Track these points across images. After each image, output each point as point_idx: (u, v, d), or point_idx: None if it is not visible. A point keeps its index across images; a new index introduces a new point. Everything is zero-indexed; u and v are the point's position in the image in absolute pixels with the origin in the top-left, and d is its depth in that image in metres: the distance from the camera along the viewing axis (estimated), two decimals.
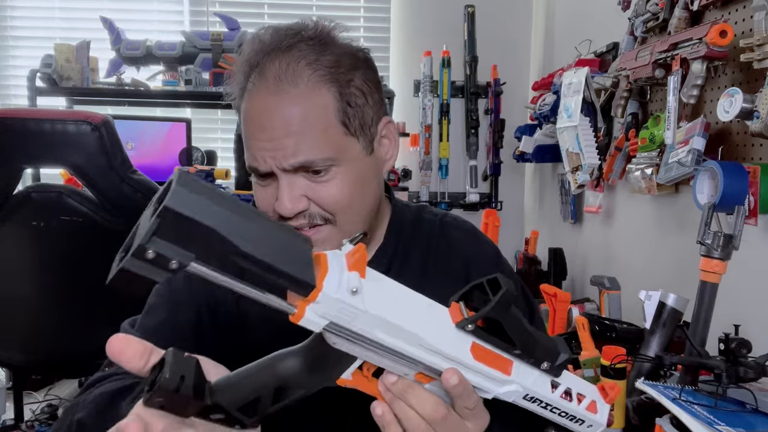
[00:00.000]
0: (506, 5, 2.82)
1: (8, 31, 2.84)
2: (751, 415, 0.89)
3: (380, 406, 0.55)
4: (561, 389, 0.59)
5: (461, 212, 2.73)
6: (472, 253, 0.91)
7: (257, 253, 0.43)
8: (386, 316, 0.50)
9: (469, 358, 0.54)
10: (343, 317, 0.48)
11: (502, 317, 0.53)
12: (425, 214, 0.94)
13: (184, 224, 0.41)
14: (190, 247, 0.42)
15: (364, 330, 0.50)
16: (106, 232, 1.69)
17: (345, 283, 0.48)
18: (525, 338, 0.55)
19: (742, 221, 1.07)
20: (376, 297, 0.50)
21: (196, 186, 0.43)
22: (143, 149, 2.60)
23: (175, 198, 0.41)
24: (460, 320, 0.53)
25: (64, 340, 1.78)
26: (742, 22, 1.23)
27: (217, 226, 0.42)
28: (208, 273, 0.44)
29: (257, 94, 0.75)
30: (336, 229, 0.78)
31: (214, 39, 2.58)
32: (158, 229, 0.41)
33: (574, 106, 1.78)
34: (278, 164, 0.74)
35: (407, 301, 0.53)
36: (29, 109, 2.26)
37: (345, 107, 0.76)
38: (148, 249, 0.40)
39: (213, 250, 0.43)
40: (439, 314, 0.54)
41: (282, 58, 0.75)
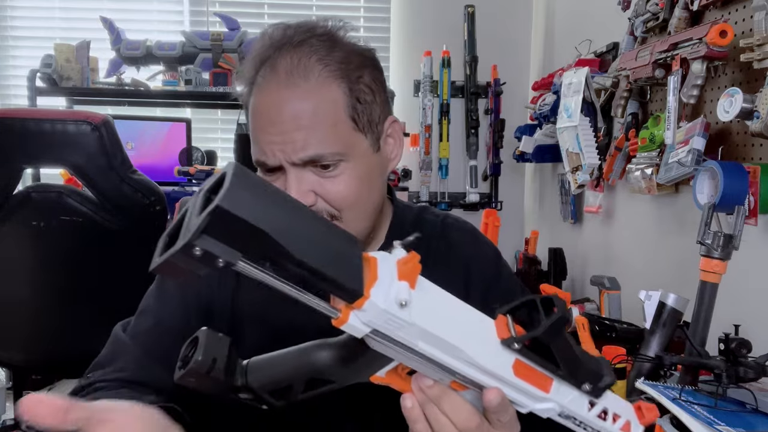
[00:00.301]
0: (506, 5, 2.82)
1: (8, 31, 2.84)
2: (751, 415, 0.89)
3: (410, 399, 0.54)
4: (598, 408, 0.58)
5: (461, 212, 2.73)
6: (472, 254, 0.91)
7: (307, 258, 0.42)
8: (432, 329, 0.48)
9: (510, 374, 0.53)
10: (388, 327, 0.47)
11: (552, 341, 0.51)
12: (427, 215, 0.94)
13: (235, 224, 0.40)
14: (238, 246, 0.41)
15: (406, 340, 0.49)
16: (106, 232, 1.69)
17: (394, 294, 0.46)
18: (571, 361, 0.54)
19: (742, 221, 1.07)
20: (424, 309, 0.48)
21: (249, 183, 0.41)
22: (143, 149, 2.60)
23: (228, 197, 0.39)
24: (508, 338, 0.52)
25: (65, 340, 1.77)
26: (742, 22, 1.23)
27: (269, 229, 0.40)
28: (254, 272, 0.43)
29: (267, 88, 0.75)
30: (341, 225, 0.78)
31: (214, 39, 2.58)
32: (208, 227, 0.39)
33: (574, 106, 1.78)
34: (287, 158, 0.74)
35: (454, 312, 0.52)
36: (29, 109, 2.26)
37: (354, 103, 0.77)
38: (196, 246, 0.39)
39: (262, 252, 0.42)
40: (484, 327, 0.53)
41: (293, 53, 0.75)
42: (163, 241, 0.42)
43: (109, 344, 0.83)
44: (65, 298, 1.77)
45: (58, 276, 1.76)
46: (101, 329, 0.89)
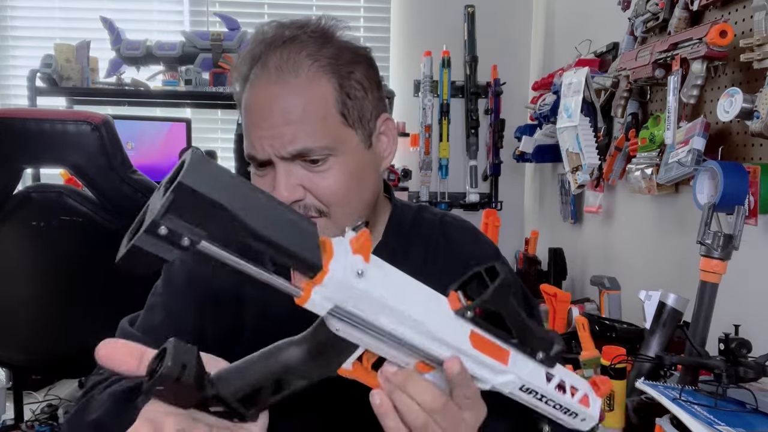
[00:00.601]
0: (506, 5, 2.82)
1: (8, 31, 2.84)
2: (751, 415, 0.89)
3: (378, 394, 0.55)
4: (555, 381, 0.60)
5: (461, 212, 2.73)
6: (471, 253, 0.91)
7: (267, 233, 0.44)
8: (389, 301, 0.51)
9: (468, 345, 0.55)
10: (348, 300, 0.49)
11: (500, 305, 0.54)
12: (425, 213, 0.94)
13: (198, 201, 0.41)
14: (201, 224, 0.43)
15: (367, 314, 0.50)
16: (106, 232, 1.69)
17: (350, 266, 0.48)
18: (522, 328, 0.56)
19: (742, 221, 1.07)
20: (380, 282, 0.50)
21: (209, 164, 0.44)
22: (143, 149, 2.60)
23: (189, 174, 0.41)
24: (460, 308, 0.54)
25: (64, 340, 1.77)
26: (742, 22, 1.23)
27: (229, 204, 0.42)
28: (218, 252, 0.44)
29: (258, 84, 0.76)
30: (330, 222, 0.78)
31: (214, 39, 2.58)
32: (171, 205, 0.41)
33: (574, 106, 1.78)
34: (276, 152, 0.75)
35: (409, 288, 0.54)
36: (29, 109, 2.26)
37: (344, 98, 0.77)
38: (161, 225, 0.41)
39: (224, 229, 0.43)
40: (439, 302, 0.55)
41: (283, 48, 0.76)
42: (127, 238, 0.44)
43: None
44: (65, 298, 1.77)
45: (58, 276, 1.76)
46: (101, 329, 0.89)
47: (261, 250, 0.44)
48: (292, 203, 0.76)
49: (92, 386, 0.76)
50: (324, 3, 2.87)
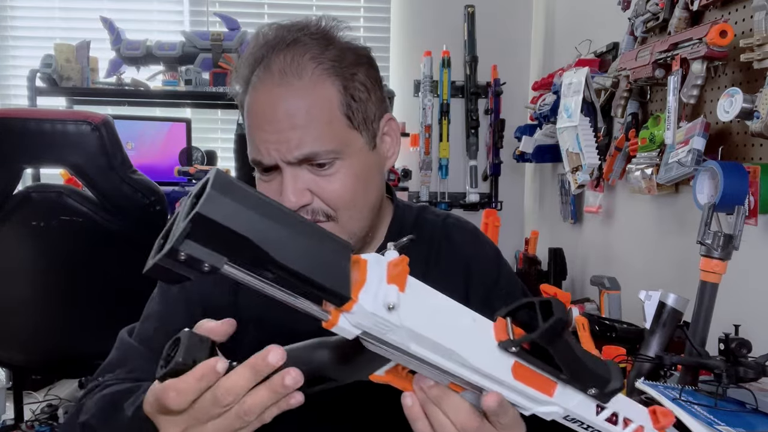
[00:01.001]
0: (506, 5, 2.82)
1: (8, 31, 2.84)
2: (751, 415, 0.89)
3: (411, 397, 0.55)
4: (607, 413, 0.56)
5: (461, 212, 2.73)
6: (472, 253, 0.91)
7: (292, 264, 0.43)
8: (423, 331, 0.48)
9: (509, 377, 0.52)
10: (377, 329, 0.47)
11: (551, 345, 0.50)
12: (427, 214, 0.94)
13: (217, 230, 0.41)
14: (222, 251, 0.42)
15: (398, 342, 0.48)
16: (106, 232, 1.69)
17: (382, 298, 0.46)
18: (574, 365, 0.51)
19: (742, 221, 1.07)
20: (414, 311, 0.48)
21: (230, 189, 0.42)
22: (143, 149, 2.60)
23: (208, 204, 0.40)
24: (504, 340, 0.51)
25: (64, 340, 1.77)
26: (742, 22, 1.23)
27: (250, 234, 0.41)
28: (241, 276, 0.43)
29: (262, 87, 0.76)
30: (338, 226, 0.78)
31: (214, 39, 2.58)
32: (190, 234, 0.41)
33: (574, 106, 1.78)
34: (282, 157, 0.74)
35: (448, 314, 0.51)
36: (29, 109, 2.26)
37: (349, 101, 0.77)
38: (181, 252, 0.41)
39: (246, 257, 0.42)
40: (481, 329, 0.52)
41: (287, 51, 0.75)
42: (157, 244, 0.44)
43: (116, 349, 0.83)
44: (65, 299, 1.77)
45: (58, 276, 1.76)
46: (101, 329, 0.89)
47: (286, 279, 0.43)
48: (300, 208, 0.76)
49: (89, 390, 0.77)
50: (324, 3, 2.87)
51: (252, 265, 0.43)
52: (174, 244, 0.40)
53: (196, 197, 0.42)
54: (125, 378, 0.77)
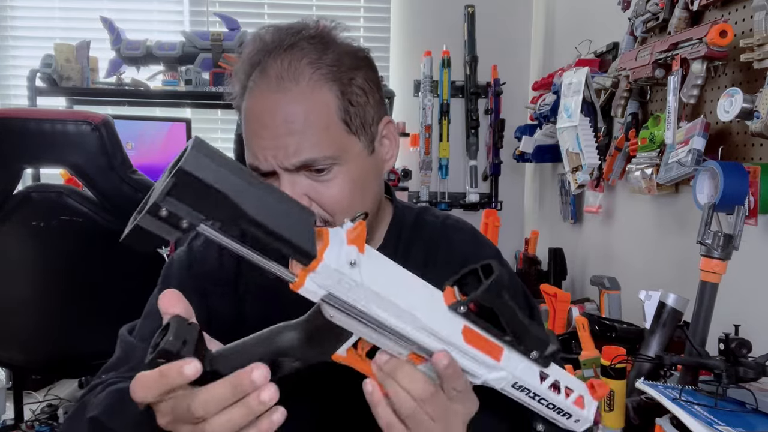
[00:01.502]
0: (506, 5, 2.82)
1: (8, 31, 2.84)
2: (751, 415, 0.89)
3: (370, 383, 0.57)
4: (549, 381, 0.60)
5: (461, 212, 2.73)
6: (472, 255, 0.90)
7: (264, 220, 0.46)
8: (382, 291, 0.52)
9: (460, 340, 0.56)
10: (341, 288, 0.50)
11: (494, 302, 0.55)
12: (427, 216, 0.94)
13: (197, 186, 0.44)
14: (200, 209, 0.45)
15: (360, 303, 0.51)
16: (106, 232, 1.69)
17: (344, 256, 0.50)
18: (516, 326, 0.57)
19: (742, 221, 1.07)
20: (374, 272, 0.52)
21: (210, 152, 0.45)
22: (143, 149, 2.60)
23: (190, 161, 0.43)
24: (454, 302, 0.55)
25: (65, 340, 1.77)
26: (742, 22, 1.23)
27: (228, 191, 0.44)
28: (216, 235, 0.46)
29: (259, 93, 0.75)
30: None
31: (214, 39, 2.58)
32: (172, 189, 0.43)
33: (574, 106, 1.78)
34: (280, 163, 0.74)
35: (403, 280, 0.55)
36: (29, 109, 2.26)
37: (346, 106, 0.76)
38: (162, 207, 0.43)
39: (222, 214, 0.45)
40: (433, 296, 0.56)
41: (284, 56, 0.75)
42: (134, 216, 0.46)
43: (118, 348, 0.83)
44: (65, 298, 1.77)
45: (58, 276, 1.76)
46: (101, 329, 0.89)
47: (258, 235, 0.46)
48: None
49: (92, 387, 0.77)
50: (324, 3, 2.87)
51: (226, 224, 0.46)
52: (157, 199, 0.43)
53: (175, 164, 0.45)
54: (128, 376, 0.77)
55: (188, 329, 0.51)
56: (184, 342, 0.50)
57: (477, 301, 0.55)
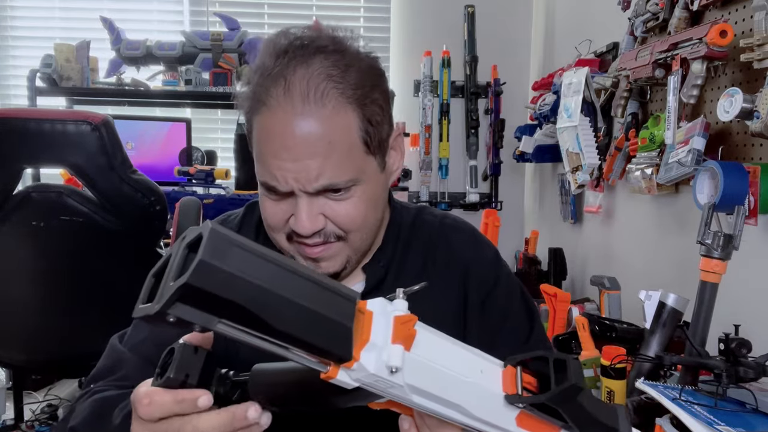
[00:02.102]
0: (506, 5, 2.82)
1: (8, 31, 2.84)
2: (751, 415, 0.89)
3: (408, 421, 0.54)
4: None
5: (461, 212, 2.73)
6: (471, 256, 0.90)
7: (289, 329, 0.41)
8: (427, 388, 0.47)
9: (512, 425, 0.51)
10: (378, 385, 0.46)
11: (563, 407, 0.49)
12: (425, 215, 0.93)
13: (207, 297, 0.39)
14: (215, 313, 0.40)
15: (400, 397, 0.47)
16: (106, 232, 1.69)
17: (385, 360, 0.44)
18: (583, 419, 0.50)
19: (742, 221, 1.07)
20: (419, 369, 0.46)
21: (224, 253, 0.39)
22: (143, 149, 2.60)
23: (197, 273, 0.38)
24: (512, 395, 0.50)
25: (65, 340, 1.77)
26: (742, 22, 1.23)
27: (244, 301, 0.39)
28: (235, 334, 0.42)
29: (281, 112, 0.72)
30: (347, 245, 0.78)
31: (214, 39, 2.58)
32: (180, 299, 0.39)
33: (574, 106, 1.78)
34: (302, 187, 0.73)
35: (456, 366, 0.49)
36: (29, 109, 2.26)
37: (367, 126, 0.75)
38: (169, 315, 0.39)
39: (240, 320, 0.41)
40: (489, 379, 0.51)
41: (307, 74, 0.72)
42: (149, 283, 0.42)
43: (106, 356, 0.83)
44: (65, 298, 1.77)
45: (58, 276, 1.76)
46: (101, 329, 0.89)
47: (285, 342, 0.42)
48: (313, 234, 0.75)
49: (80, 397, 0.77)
50: (324, 3, 2.87)
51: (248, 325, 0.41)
52: (162, 307, 0.38)
53: (190, 247, 0.40)
54: (117, 386, 0.77)
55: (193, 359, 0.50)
56: (186, 376, 0.50)
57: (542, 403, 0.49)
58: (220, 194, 2.23)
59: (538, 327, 0.91)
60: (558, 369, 0.49)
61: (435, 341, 0.49)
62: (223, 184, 2.29)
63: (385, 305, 0.46)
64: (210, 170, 2.27)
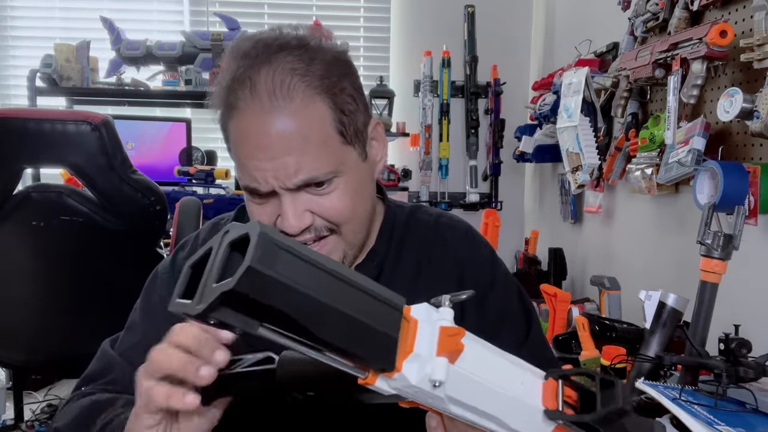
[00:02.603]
0: (506, 5, 2.82)
1: (8, 31, 2.84)
2: (751, 415, 0.89)
3: (435, 418, 0.54)
4: None
5: (461, 212, 2.73)
6: (467, 255, 0.90)
7: (332, 339, 0.40)
8: (466, 400, 0.46)
9: None
10: (417, 397, 0.45)
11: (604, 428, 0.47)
12: (420, 214, 0.93)
13: (253, 303, 0.38)
14: (257, 317, 0.40)
15: (437, 406, 0.46)
16: (106, 232, 1.69)
17: (428, 373, 0.43)
18: None
19: (742, 221, 1.07)
20: (462, 382, 0.45)
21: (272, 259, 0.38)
22: (143, 149, 2.60)
23: (244, 282, 0.37)
24: (552, 411, 0.49)
25: (65, 340, 1.77)
26: (742, 22, 1.22)
27: (289, 310, 0.39)
28: (277, 338, 0.41)
29: (251, 113, 0.71)
30: (341, 238, 0.78)
31: (214, 39, 2.58)
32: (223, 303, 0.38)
33: (574, 106, 1.78)
34: (282, 184, 0.72)
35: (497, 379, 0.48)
36: (29, 109, 2.26)
37: (340, 116, 0.74)
38: (210, 318, 0.39)
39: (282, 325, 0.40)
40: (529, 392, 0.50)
41: (271, 71, 0.71)
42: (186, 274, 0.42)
43: (97, 359, 0.83)
44: (65, 298, 1.77)
45: (58, 276, 1.76)
46: (101, 329, 0.89)
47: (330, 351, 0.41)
48: (302, 231, 0.75)
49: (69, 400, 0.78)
50: (324, 3, 2.87)
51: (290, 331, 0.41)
52: (205, 310, 0.38)
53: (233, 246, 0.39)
54: (106, 389, 0.78)
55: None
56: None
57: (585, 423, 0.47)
58: (220, 194, 2.23)
59: (535, 327, 0.91)
60: (605, 388, 0.48)
61: (480, 353, 0.48)
62: (223, 184, 2.29)
63: (431, 313, 0.45)
64: (210, 170, 2.27)
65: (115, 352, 0.82)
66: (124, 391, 0.76)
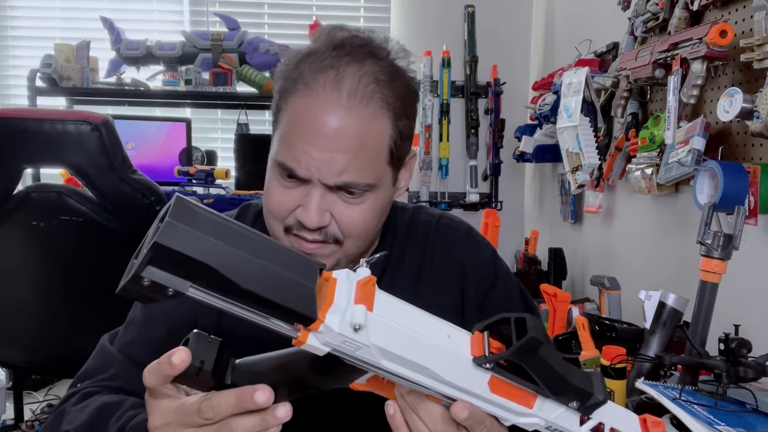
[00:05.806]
0: (506, 5, 2.82)
1: (8, 31, 2.84)
2: (751, 415, 0.89)
3: (392, 406, 0.55)
4: (591, 423, 0.55)
5: (461, 212, 2.73)
6: (468, 256, 0.90)
7: (254, 288, 0.43)
8: (393, 349, 0.48)
9: (485, 391, 0.52)
10: (348, 348, 0.47)
11: (527, 362, 0.50)
12: (421, 215, 0.93)
13: (177, 258, 0.41)
14: (186, 277, 0.43)
15: (371, 359, 0.48)
16: (106, 232, 1.69)
17: (349, 318, 0.46)
18: (553, 380, 0.51)
19: (742, 221, 1.07)
20: (384, 330, 0.48)
21: (190, 217, 0.42)
22: (143, 149, 2.60)
23: (166, 233, 0.41)
24: (479, 356, 0.51)
25: (65, 340, 1.77)
26: (742, 22, 1.23)
27: (211, 262, 0.42)
28: (207, 299, 0.44)
29: (326, 100, 0.73)
30: (341, 250, 0.78)
31: (214, 39, 2.58)
32: (152, 261, 0.41)
33: (574, 106, 1.78)
34: (322, 178, 0.73)
35: (421, 329, 0.50)
36: (29, 109, 2.26)
37: (396, 138, 0.77)
38: (144, 278, 0.42)
39: (210, 283, 0.43)
40: (457, 344, 0.52)
41: (360, 72, 0.73)
42: (131, 264, 0.44)
43: (96, 355, 0.83)
44: (65, 298, 1.77)
45: (58, 276, 1.76)
46: (101, 329, 0.89)
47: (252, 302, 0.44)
48: (317, 228, 0.75)
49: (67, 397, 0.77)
50: (324, 3, 2.87)
51: (217, 290, 0.44)
52: (136, 270, 0.41)
53: (161, 220, 0.42)
54: (105, 386, 0.77)
55: (207, 347, 0.51)
56: (201, 362, 0.51)
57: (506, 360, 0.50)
58: (220, 194, 2.23)
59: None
60: (519, 327, 0.51)
61: (397, 304, 0.51)
62: (223, 184, 2.30)
63: (349, 273, 0.49)
64: (210, 170, 2.27)
65: (114, 348, 0.82)
66: (124, 386, 0.76)
